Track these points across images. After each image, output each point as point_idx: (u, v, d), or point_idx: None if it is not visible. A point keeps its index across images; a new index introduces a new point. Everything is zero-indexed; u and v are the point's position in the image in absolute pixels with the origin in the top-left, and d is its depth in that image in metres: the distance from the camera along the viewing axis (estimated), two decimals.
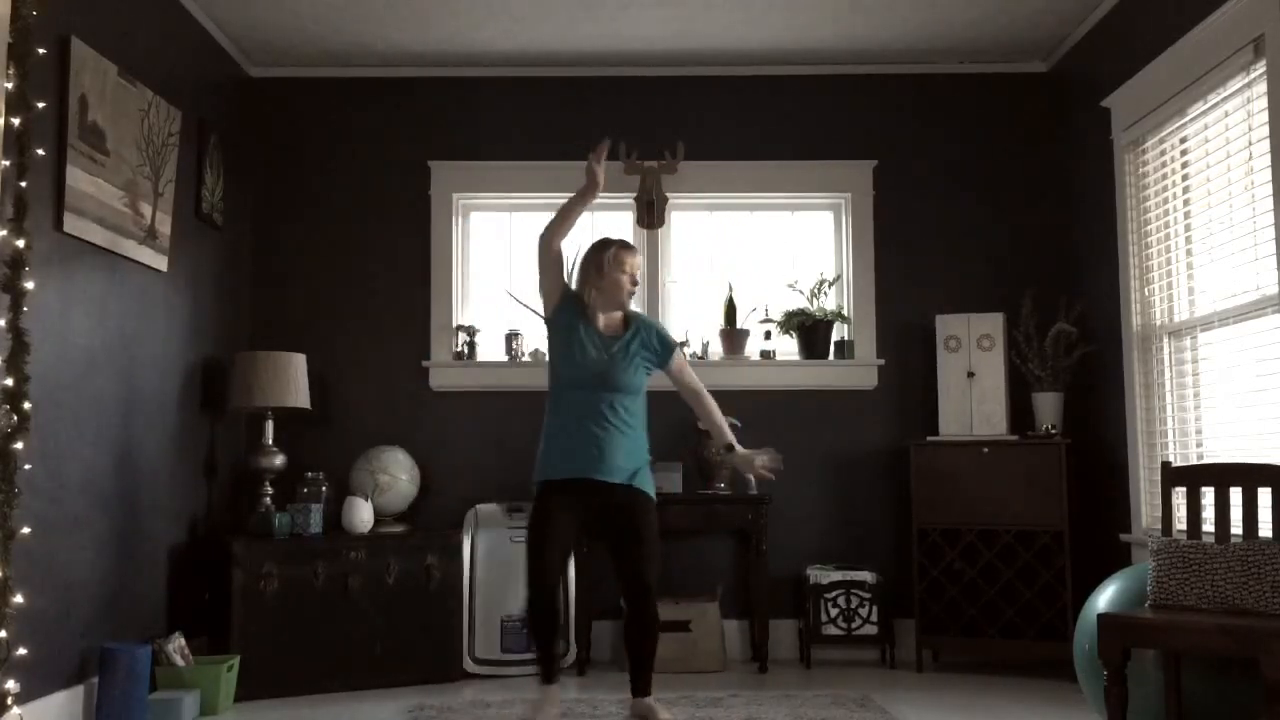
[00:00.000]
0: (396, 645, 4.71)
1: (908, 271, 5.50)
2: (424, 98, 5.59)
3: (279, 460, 4.95)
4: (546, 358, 4.10)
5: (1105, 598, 3.60)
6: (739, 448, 4.04)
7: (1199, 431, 4.27)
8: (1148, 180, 4.62)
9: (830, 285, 5.48)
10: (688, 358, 5.38)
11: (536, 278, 4.05)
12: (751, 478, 4.50)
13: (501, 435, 5.41)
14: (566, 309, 3.98)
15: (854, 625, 5.04)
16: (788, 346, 5.50)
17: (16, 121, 3.06)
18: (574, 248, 4.24)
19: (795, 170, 5.56)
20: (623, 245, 4.03)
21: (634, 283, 4.01)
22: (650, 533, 3.87)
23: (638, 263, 4.06)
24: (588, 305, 3.97)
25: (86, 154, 3.86)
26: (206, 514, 4.95)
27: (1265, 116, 3.70)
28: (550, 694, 3.92)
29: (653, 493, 3.95)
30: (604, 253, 3.99)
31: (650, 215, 5.45)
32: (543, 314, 4.05)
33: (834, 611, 5.05)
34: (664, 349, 4.01)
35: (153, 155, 4.36)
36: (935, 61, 5.54)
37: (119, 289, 4.17)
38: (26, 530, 3.06)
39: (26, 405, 3.05)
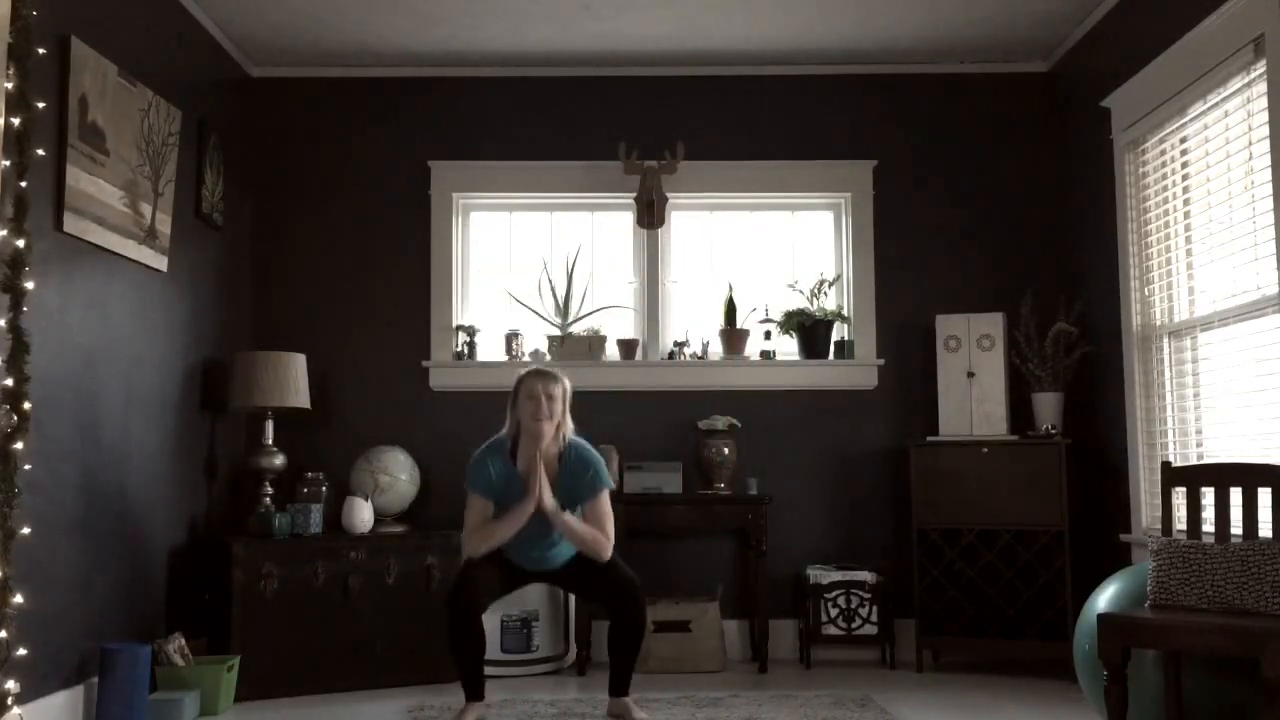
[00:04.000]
0: (396, 645, 4.71)
1: (908, 271, 5.50)
2: (424, 98, 5.58)
3: (279, 460, 4.95)
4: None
5: (1105, 598, 3.60)
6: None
7: (1199, 431, 4.27)
8: (1148, 180, 4.62)
9: (830, 285, 5.47)
10: (688, 357, 5.43)
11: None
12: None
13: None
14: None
15: (854, 625, 5.04)
16: (788, 346, 5.50)
17: (16, 121, 3.06)
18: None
19: (795, 170, 5.55)
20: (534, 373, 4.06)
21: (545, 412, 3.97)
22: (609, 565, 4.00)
23: (549, 390, 3.97)
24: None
25: (86, 154, 3.86)
26: (206, 514, 4.95)
27: (1265, 116, 3.70)
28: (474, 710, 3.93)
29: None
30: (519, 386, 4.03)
31: (650, 215, 5.44)
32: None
33: (834, 611, 5.05)
34: (590, 490, 3.98)
35: (153, 155, 4.36)
36: (935, 61, 5.54)
37: (119, 289, 4.17)
38: (26, 530, 3.07)
39: (26, 405, 3.05)
